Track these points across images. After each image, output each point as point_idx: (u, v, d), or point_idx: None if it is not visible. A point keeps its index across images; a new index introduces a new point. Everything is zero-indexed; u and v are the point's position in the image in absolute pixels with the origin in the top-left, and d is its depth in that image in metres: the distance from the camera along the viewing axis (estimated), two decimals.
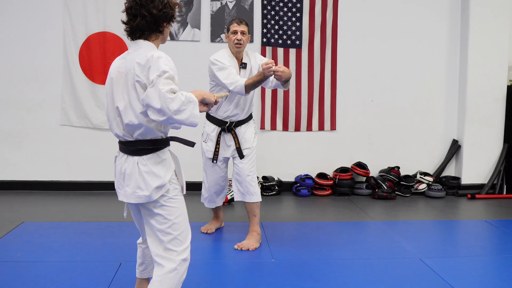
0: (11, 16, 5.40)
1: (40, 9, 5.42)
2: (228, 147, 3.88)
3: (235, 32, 3.77)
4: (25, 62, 5.46)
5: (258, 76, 3.59)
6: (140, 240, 2.59)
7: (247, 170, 3.82)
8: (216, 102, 2.37)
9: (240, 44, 3.77)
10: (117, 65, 2.30)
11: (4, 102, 5.48)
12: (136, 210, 2.42)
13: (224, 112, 3.84)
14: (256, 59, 3.90)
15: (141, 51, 2.22)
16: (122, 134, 2.29)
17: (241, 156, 3.83)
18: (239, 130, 3.88)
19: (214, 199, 4.11)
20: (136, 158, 2.27)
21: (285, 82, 3.68)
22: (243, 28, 3.79)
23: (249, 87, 3.61)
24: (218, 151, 3.88)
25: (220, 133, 3.87)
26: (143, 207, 2.30)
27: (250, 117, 3.97)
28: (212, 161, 3.91)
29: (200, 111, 2.31)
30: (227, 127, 3.85)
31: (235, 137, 3.85)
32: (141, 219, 2.42)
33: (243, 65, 3.85)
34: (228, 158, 3.95)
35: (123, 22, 2.31)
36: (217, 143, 3.87)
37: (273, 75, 3.53)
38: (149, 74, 2.12)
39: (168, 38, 6.20)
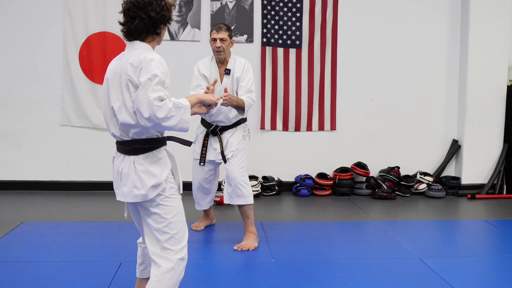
0: (11, 16, 5.41)
1: (40, 9, 5.42)
2: (214, 150, 3.90)
3: (214, 40, 3.79)
4: (25, 62, 5.46)
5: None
6: (140, 240, 2.60)
7: (236, 172, 3.80)
8: (216, 104, 2.41)
9: (220, 51, 3.78)
10: (113, 66, 2.32)
11: (4, 102, 5.48)
12: (135, 210, 2.43)
13: (209, 116, 3.85)
14: (243, 68, 3.82)
15: (135, 52, 2.24)
16: (118, 134, 2.31)
17: (224, 160, 3.83)
18: (225, 134, 3.89)
19: (199, 201, 4.13)
20: (132, 157, 2.28)
21: (239, 109, 3.68)
22: (222, 35, 3.77)
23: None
24: (205, 153, 3.90)
25: (207, 136, 3.89)
26: (141, 206, 2.32)
27: (238, 123, 3.91)
28: (200, 164, 3.93)
29: (202, 113, 2.43)
30: (212, 130, 3.87)
31: (220, 141, 3.86)
32: (140, 219, 2.43)
33: (226, 71, 3.83)
34: (216, 163, 3.96)
35: (120, 23, 2.32)
36: (204, 145, 3.89)
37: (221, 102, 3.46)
38: (140, 76, 2.15)
39: (168, 38, 6.21)
